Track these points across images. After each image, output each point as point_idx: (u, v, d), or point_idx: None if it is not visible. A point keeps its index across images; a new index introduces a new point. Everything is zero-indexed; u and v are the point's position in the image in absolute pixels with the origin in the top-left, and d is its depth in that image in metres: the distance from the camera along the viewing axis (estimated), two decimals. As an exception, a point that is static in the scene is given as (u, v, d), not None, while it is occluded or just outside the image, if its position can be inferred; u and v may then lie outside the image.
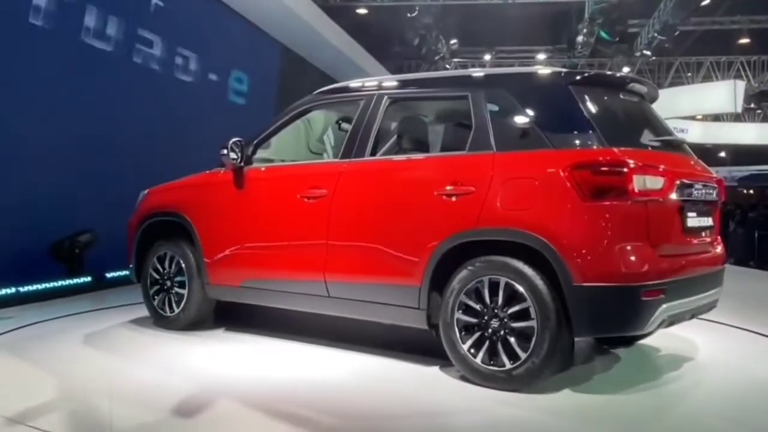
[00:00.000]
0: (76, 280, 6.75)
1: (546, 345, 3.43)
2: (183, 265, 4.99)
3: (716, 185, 4.08)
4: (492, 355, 3.58)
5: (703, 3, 16.29)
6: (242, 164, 4.74)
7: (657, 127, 4.12)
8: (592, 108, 3.69)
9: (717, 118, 25.46)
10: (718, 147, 30.71)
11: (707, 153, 33.28)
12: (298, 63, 12.59)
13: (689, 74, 23.57)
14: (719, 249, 4.15)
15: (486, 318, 3.62)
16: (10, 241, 5.99)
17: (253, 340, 4.84)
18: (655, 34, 18.55)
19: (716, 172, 4.24)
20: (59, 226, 6.66)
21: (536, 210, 3.50)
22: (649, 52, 20.33)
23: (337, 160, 4.47)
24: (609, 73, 4.43)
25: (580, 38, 19.30)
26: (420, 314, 3.87)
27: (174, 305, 5.06)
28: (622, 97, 4.02)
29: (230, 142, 4.71)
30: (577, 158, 3.47)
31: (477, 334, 3.64)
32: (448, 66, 22.82)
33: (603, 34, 18.37)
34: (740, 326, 5.47)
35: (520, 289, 3.50)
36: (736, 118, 25.05)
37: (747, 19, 19.73)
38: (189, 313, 5.01)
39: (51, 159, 6.53)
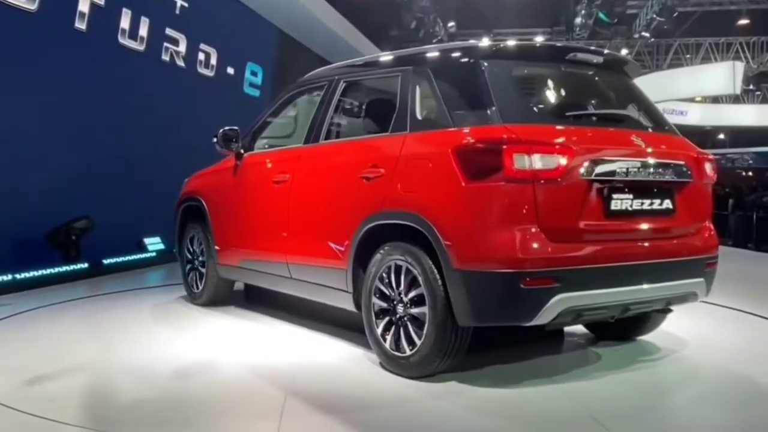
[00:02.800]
0: (72, 267, 6.75)
1: (434, 332, 3.30)
2: (203, 246, 5.33)
3: (687, 165, 3.62)
4: (397, 341, 3.53)
5: (702, -17, 16.18)
6: (241, 151, 4.98)
7: (608, 99, 3.94)
8: (499, 83, 3.43)
9: (716, 99, 25.41)
10: (718, 129, 30.74)
11: (707, 135, 33.31)
12: (298, 49, 12.59)
13: (688, 56, 23.47)
14: (695, 235, 3.71)
15: (394, 303, 3.56)
16: (6, 228, 6.02)
17: (257, 319, 4.99)
18: (654, 16, 18.50)
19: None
20: (56, 213, 6.67)
21: (426, 192, 3.41)
22: (647, 34, 20.27)
23: (300, 145, 4.55)
24: (534, 42, 4.00)
25: (578, 20, 19.23)
26: (348, 297, 3.88)
27: (198, 282, 5.42)
28: (562, 68, 3.76)
29: (220, 130, 4.94)
30: (462, 138, 3.31)
31: (386, 319, 3.61)
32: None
33: (601, 15, 18.29)
34: (730, 306, 5.47)
35: (416, 274, 3.41)
36: (736, 99, 25.00)
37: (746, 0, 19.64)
38: (209, 290, 5.33)
39: (57, 147, 6.61)
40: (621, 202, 3.35)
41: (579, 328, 4.38)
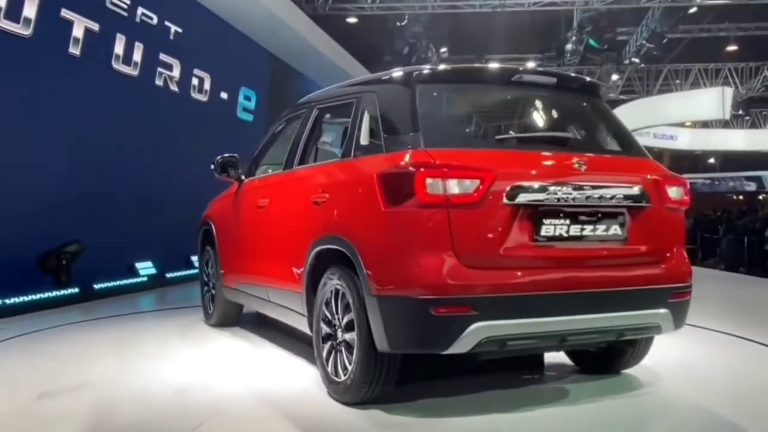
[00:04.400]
0: (63, 292, 6.71)
1: (361, 358, 3.26)
2: (214, 269, 5.49)
3: (644, 189, 3.41)
4: (336, 366, 3.51)
5: (691, 11, 16.42)
6: (242, 177, 5.13)
7: (557, 121, 3.89)
8: (429, 107, 3.40)
9: (706, 124, 25.64)
10: (708, 153, 31.00)
11: (697, 159, 33.57)
12: (291, 74, 12.69)
13: (678, 81, 23.71)
14: (657, 263, 3.46)
15: (335, 328, 3.54)
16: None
17: (254, 342, 5.04)
18: (644, 42, 18.69)
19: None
20: (47, 237, 6.64)
21: (353, 217, 3.44)
22: (637, 60, 20.45)
23: (280, 171, 4.65)
24: (476, 65, 3.83)
25: (569, 46, 19.40)
26: (305, 320, 3.89)
27: (211, 304, 5.60)
28: (508, 91, 3.75)
29: (218, 158, 5.11)
30: (385, 163, 3.30)
31: (329, 344, 3.60)
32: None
33: (591, 42, 18.47)
34: (723, 330, 5.47)
35: (348, 299, 3.38)
36: (725, 124, 25.24)
37: (734, 26, 19.87)
38: (218, 311, 5.49)
39: (47, 169, 6.60)
40: (554, 227, 3.19)
41: (560, 359, 4.23)
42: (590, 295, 3.22)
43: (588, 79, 4.34)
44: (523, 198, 3.12)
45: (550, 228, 3.19)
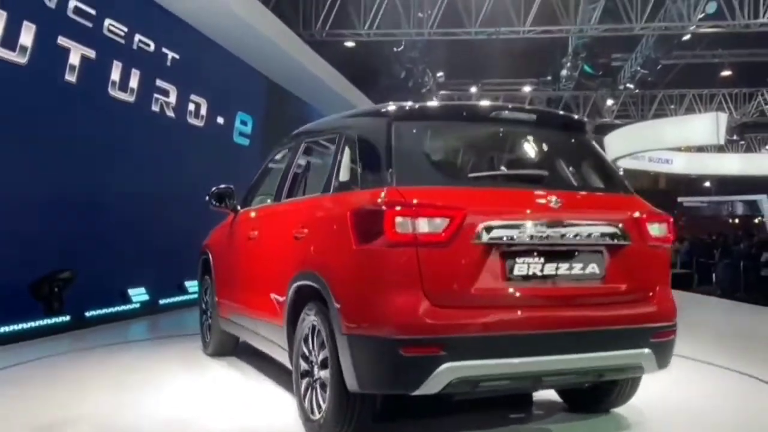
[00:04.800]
0: (54, 320, 6.64)
1: (333, 397, 3.22)
2: (211, 297, 5.52)
3: (623, 226, 3.34)
4: (312, 403, 3.49)
5: (684, 38, 16.56)
6: (237, 207, 5.15)
7: (534, 158, 3.91)
8: (404, 144, 3.36)
9: (701, 148, 25.77)
10: (703, 177, 31.16)
11: (692, 182, 33.72)
12: (288, 99, 12.74)
13: (672, 106, 23.89)
14: (638, 302, 3.39)
15: (312, 364, 3.51)
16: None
17: (246, 374, 5.01)
18: (638, 68, 18.84)
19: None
20: (39, 264, 6.59)
21: (328, 253, 3.42)
22: (632, 85, 20.59)
23: (270, 203, 4.69)
24: (454, 102, 3.80)
25: (564, 72, 19.55)
26: (286, 354, 3.86)
27: (208, 333, 5.62)
28: (485, 127, 3.77)
29: (213, 189, 5.14)
30: (358, 200, 3.29)
31: (306, 380, 3.57)
32: (434, 98, 23.00)
33: (586, 68, 18.59)
34: (714, 363, 5.43)
35: (323, 336, 3.34)
36: (720, 148, 25.36)
37: (727, 53, 20.08)
38: (214, 341, 5.50)
39: (43, 199, 6.55)
40: (528, 266, 3.14)
41: (550, 396, 4.14)
42: (565, 334, 3.16)
43: (571, 115, 4.34)
44: (494, 237, 3.08)
45: (523, 267, 3.14)
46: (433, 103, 3.84)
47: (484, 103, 3.84)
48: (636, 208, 3.50)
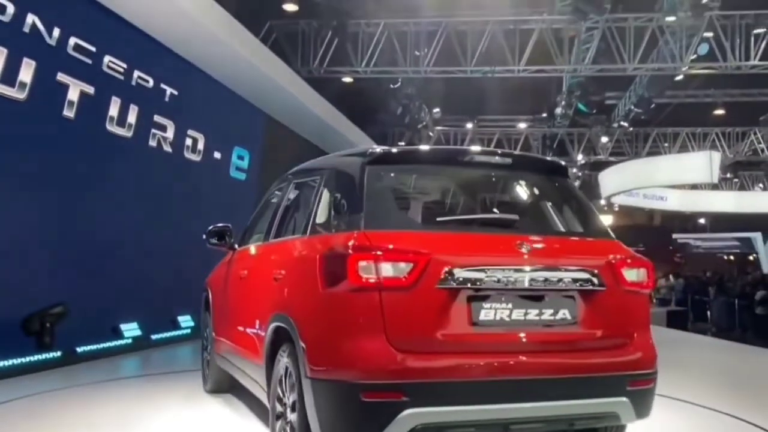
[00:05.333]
0: (45, 355, 6.60)
1: None
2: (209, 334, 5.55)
3: (598, 272, 3.26)
4: None
5: (677, 78, 16.81)
6: (235, 246, 5.19)
7: (507, 202, 3.91)
8: (375, 188, 3.35)
9: (695, 186, 25.93)
10: (697, 214, 31.28)
11: (687, 219, 33.85)
12: (285, 134, 12.85)
13: (666, 144, 24.10)
14: (615, 349, 3.29)
15: (285, 406, 3.47)
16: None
17: (238, 411, 5.02)
18: (632, 107, 19.07)
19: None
20: (31, 299, 6.57)
21: (297, 295, 3.46)
22: (626, 123, 20.82)
23: (260, 242, 4.71)
24: (428, 147, 3.78)
25: (558, 110, 19.79)
26: (266, 395, 3.85)
27: (207, 369, 5.64)
28: (459, 171, 3.78)
29: (209, 227, 5.19)
30: (326, 244, 3.30)
31: (279, 422, 3.53)
32: (431, 134, 23.19)
33: (581, 106, 18.86)
34: (714, 408, 5.41)
35: (294, 378, 3.30)
36: (714, 186, 25.53)
37: (720, 92, 20.35)
38: (212, 377, 5.51)
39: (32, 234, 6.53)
40: (495, 311, 3.07)
41: None
42: (534, 381, 3.07)
43: (548, 158, 4.32)
44: (458, 281, 3.02)
45: (490, 312, 3.08)
46: (409, 147, 3.89)
47: (458, 147, 3.86)
48: (612, 253, 3.41)
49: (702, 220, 34.51)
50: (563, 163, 4.08)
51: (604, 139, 23.32)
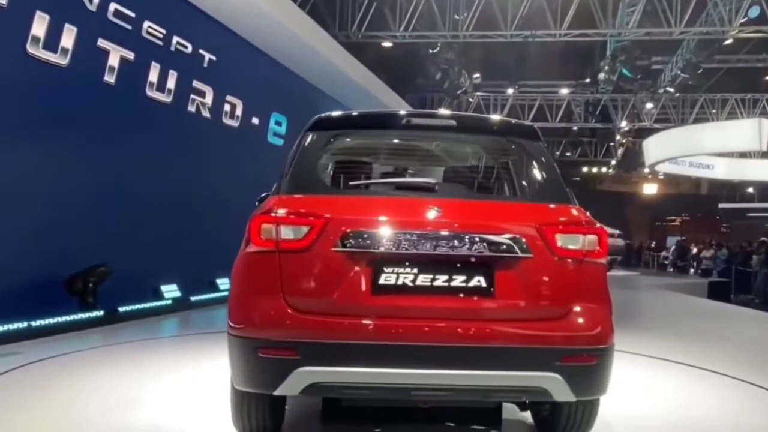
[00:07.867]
0: (88, 314, 6.84)
1: (231, 396, 3.36)
2: None
3: (523, 239, 3.06)
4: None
5: (726, 42, 16.23)
6: None
7: (441, 166, 3.88)
8: (307, 153, 3.42)
9: (743, 154, 25.18)
10: (746, 183, 30.41)
11: (735, 188, 32.95)
12: (322, 99, 12.86)
13: (714, 111, 23.39)
14: (546, 321, 3.06)
15: None
16: (25, 274, 6.16)
17: None
18: (679, 72, 18.52)
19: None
20: (74, 259, 6.80)
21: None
22: (672, 89, 20.25)
23: None
24: (365, 112, 3.77)
25: (601, 75, 19.30)
26: None
27: None
28: (396, 136, 3.74)
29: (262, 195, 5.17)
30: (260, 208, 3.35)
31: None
32: (470, 100, 22.93)
33: (625, 71, 18.36)
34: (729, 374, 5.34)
35: None
36: (763, 154, 24.75)
37: (772, 57, 19.61)
38: None
39: (74, 193, 6.75)
40: (397, 276, 3.02)
41: (523, 416, 3.95)
42: (438, 348, 2.96)
43: (495, 118, 4.16)
44: (357, 245, 3.01)
45: (391, 276, 3.03)
46: (350, 112, 3.80)
47: (400, 111, 3.80)
48: (548, 218, 3.18)
49: (750, 189, 33.56)
50: (514, 121, 3.84)
51: (649, 106, 22.74)
